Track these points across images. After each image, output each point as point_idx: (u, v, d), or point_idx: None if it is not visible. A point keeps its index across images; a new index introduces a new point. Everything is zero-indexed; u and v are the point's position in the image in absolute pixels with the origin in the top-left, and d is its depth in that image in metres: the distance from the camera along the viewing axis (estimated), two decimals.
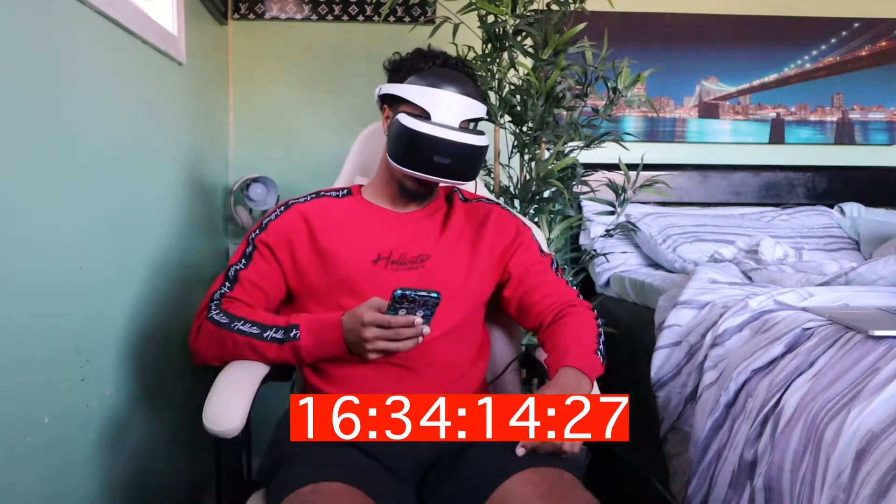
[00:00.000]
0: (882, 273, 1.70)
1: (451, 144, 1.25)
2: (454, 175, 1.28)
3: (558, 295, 1.38)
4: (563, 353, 1.25)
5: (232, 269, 1.33)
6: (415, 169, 1.27)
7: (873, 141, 2.88)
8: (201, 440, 2.08)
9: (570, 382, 1.19)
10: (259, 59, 2.57)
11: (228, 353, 1.26)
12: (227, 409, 1.19)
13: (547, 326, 1.35)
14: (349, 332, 1.19)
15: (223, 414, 1.18)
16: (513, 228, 1.44)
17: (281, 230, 1.33)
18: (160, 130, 1.79)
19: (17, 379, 1.12)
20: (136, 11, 1.59)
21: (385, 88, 1.35)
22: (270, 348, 1.23)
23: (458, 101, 1.28)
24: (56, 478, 1.24)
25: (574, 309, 1.35)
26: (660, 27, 2.75)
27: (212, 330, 1.27)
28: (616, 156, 2.21)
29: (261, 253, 1.32)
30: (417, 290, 1.09)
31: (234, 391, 1.23)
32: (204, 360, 1.32)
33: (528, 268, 1.41)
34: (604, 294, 2.44)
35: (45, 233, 1.21)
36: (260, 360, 1.25)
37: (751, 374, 1.41)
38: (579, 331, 1.30)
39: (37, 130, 1.18)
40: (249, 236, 1.35)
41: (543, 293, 1.38)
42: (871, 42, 2.83)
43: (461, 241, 1.38)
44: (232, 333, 1.25)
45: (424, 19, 2.57)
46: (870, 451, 1.07)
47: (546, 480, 1.05)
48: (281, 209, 1.37)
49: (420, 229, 1.37)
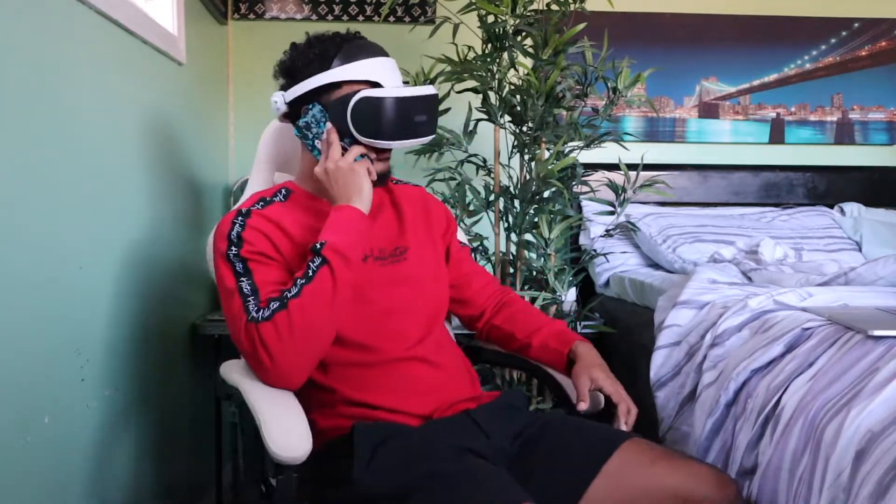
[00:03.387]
0: (881, 273, 1.70)
1: (419, 100, 1.25)
2: (429, 131, 1.28)
3: (492, 284, 1.50)
4: (556, 330, 1.39)
5: (240, 289, 1.16)
6: (397, 138, 1.23)
7: (873, 141, 2.88)
8: (201, 440, 2.08)
9: (597, 355, 1.34)
10: (259, 59, 2.56)
11: (313, 325, 1.13)
12: (294, 433, 1.07)
13: (495, 313, 1.45)
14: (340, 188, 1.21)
15: (292, 439, 1.06)
16: (443, 210, 1.47)
17: (261, 237, 1.20)
18: (160, 130, 1.79)
19: (17, 379, 1.12)
20: (136, 11, 1.59)
21: (305, 86, 1.23)
22: (322, 277, 1.13)
23: (391, 63, 1.28)
24: (56, 478, 1.24)
25: (511, 295, 1.49)
26: (660, 27, 2.75)
27: (280, 322, 1.11)
28: (616, 156, 2.21)
29: (259, 263, 1.19)
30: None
31: (288, 411, 1.11)
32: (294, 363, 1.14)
33: (461, 255, 1.47)
34: (603, 294, 2.44)
35: (45, 233, 1.21)
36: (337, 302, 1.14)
37: (750, 374, 1.41)
38: (539, 312, 1.45)
39: (36, 130, 1.19)
40: (227, 259, 1.19)
41: (480, 282, 1.48)
42: (871, 42, 2.83)
43: (419, 227, 1.39)
44: (295, 304, 1.11)
45: (424, 19, 2.57)
46: (869, 450, 1.07)
47: (653, 448, 1.17)
48: (240, 220, 1.21)
49: (381, 222, 1.34)
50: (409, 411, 1.22)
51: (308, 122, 1.25)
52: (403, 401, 1.23)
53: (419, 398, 1.24)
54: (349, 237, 1.17)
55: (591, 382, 1.28)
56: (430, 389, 1.26)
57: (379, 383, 1.24)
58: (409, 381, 1.25)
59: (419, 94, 1.24)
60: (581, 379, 1.28)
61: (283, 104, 1.27)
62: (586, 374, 1.28)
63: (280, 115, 1.30)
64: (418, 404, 1.23)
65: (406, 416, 1.22)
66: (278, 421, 1.08)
